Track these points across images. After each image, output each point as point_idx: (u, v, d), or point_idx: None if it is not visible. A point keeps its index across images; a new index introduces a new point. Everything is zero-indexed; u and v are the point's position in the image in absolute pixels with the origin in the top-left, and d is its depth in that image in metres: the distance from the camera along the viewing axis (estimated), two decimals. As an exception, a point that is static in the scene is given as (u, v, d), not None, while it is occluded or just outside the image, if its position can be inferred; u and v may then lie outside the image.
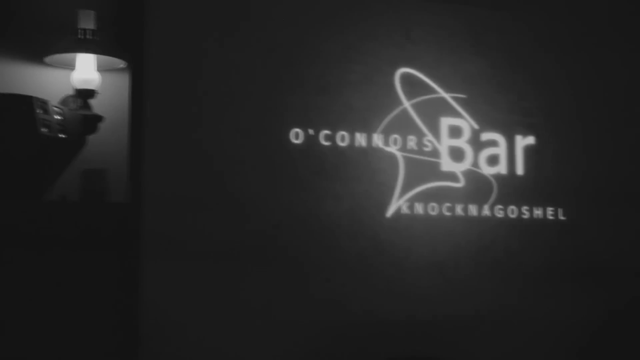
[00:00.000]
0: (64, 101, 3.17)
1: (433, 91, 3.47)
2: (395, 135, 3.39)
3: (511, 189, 3.53)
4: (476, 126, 3.51)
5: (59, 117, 2.94)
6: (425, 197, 3.41)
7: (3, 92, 3.03)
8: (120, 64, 3.21)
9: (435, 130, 3.45)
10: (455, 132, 3.48)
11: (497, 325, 3.44)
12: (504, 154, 3.54)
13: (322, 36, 3.31)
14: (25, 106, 2.89)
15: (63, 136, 2.93)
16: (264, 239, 3.15)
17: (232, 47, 3.17)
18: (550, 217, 3.57)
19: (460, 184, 3.46)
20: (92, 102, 3.16)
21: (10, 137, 2.84)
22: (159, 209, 3.02)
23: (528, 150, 3.58)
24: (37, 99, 2.93)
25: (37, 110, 2.89)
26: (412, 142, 3.41)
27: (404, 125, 3.40)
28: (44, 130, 2.87)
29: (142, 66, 3.05)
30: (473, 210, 3.46)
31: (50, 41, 3.13)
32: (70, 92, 3.21)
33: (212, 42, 3.15)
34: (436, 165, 3.44)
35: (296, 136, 3.25)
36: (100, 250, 3.02)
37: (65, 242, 2.98)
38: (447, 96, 3.49)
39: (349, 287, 3.26)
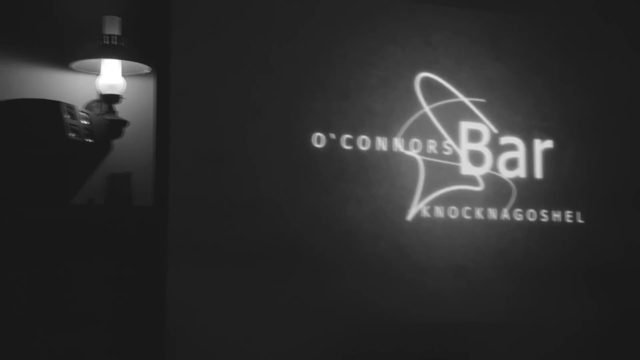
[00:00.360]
0: (89, 106, 3.21)
1: (453, 95, 3.51)
2: (416, 139, 3.42)
3: (530, 192, 3.56)
4: (495, 130, 3.55)
5: (86, 122, 2.97)
6: (445, 200, 3.44)
7: (30, 97, 3.07)
8: (145, 69, 3.24)
9: (455, 134, 3.49)
10: (474, 136, 3.52)
11: (516, 327, 3.47)
12: (523, 157, 3.58)
13: (344, 42, 3.35)
14: (52, 111, 2.92)
15: (90, 141, 2.96)
16: (287, 242, 3.19)
17: (256, 53, 3.21)
18: (569, 220, 3.60)
19: (480, 187, 3.50)
20: (117, 106, 3.20)
21: (39, 141, 2.88)
22: (184, 211, 3.06)
23: (546, 154, 3.61)
24: (65, 104, 2.96)
25: (65, 115, 2.92)
26: (432, 146, 3.44)
27: (424, 130, 3.44)
28: (71, 135, 2.90)
29: (168, 72, 3.09)
30: (492, 213, 3.50)
31: (76, 47, 3.17)
32: (95, 97, 3.25)
33: (236, 48, 3.19)
34: (456, 169, 3.48)
35: (318, 140, 3.29)
36: (127, 252, 3.05)
37: (92, 245, 3.02)
38: (466, 100, 3.52)
39: (370, 289, 3.29)
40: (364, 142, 3.35)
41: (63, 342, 3.03)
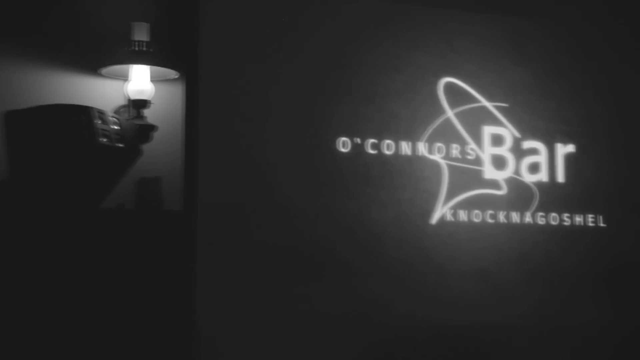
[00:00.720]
0: (117, 111, 3.26)
1: (475, 100, 3.54)
2: (439, 144, 3.46)
3: (552, 196, 3.59)
4: (518, 134, 3.58)
5: (116, 127, 3.02)
6: (468, 204, 3.47)
7: (61, 102, 3.12)
8: (173, 74, 3.28)
9: (477, 138, 3.52)
10: (497, 140, 3.55)
11: (538, 329, 3.50)
12: (545, 161, 3.61)
13: (369, 47, 3.38)
14: (84, 116, 2.98)
15: (121, 145, 3.01)
16: (313, 246, 3.22)
17: (283, 58, 3.25)
18: (591, 224, 3.62)
19: (503, 191, 3.53)
20: (145, 111, 3.24)
21: (71, 146, 2.93)
22: (213, 216, 3.09)
23: (568, 158, 3.64)
24: (96, 109, 3.02)
25: (96, 121, 2.98)
26: (455, 150, 3.48)
27: (448, 134, 3.47)
28: (103, 140, 2.95)
29: (196, 77, 3.13)
30: (515, 217, 3.53)
31: (105, 53, 3.22)
32: (123, 102, 3.29)
33: (263, 53, 3.22)
34: (479, 173, 3.51)
35: (343, 145, 3.33)
36: (156, 256, 3.10)
37: (122, 248, 3.06)
38: (489, 105, 3.55)
39: (395, 292, 3.32)
40: (388, 147, 3.39)
41: (91, 345, 3.08)
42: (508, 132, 3.57)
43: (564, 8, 3.71)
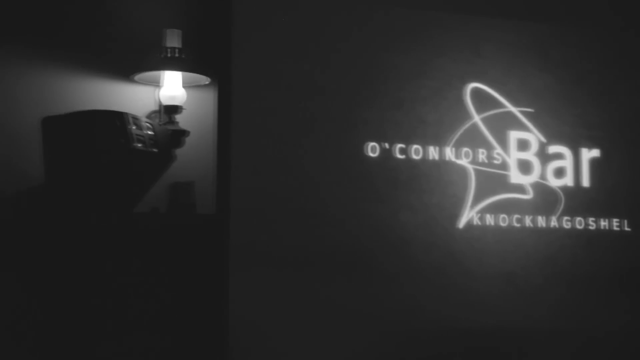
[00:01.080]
0: (149, 116, 3.29)
1: (501, 105, 3.58)
2: (466, 149, 3.49)
3: (577, 200, 3.62)
4: (543, 139, 3.61)
5: (150, 132, 3.06)
6: (495, 208, 3.51)
7: (93, 108, 3.16)
8: (204, 80, 3.33)
9: (504, 143, 3.56)
10: (523, 145, 3.59)
11: (563, 333, 3.53)
12: (570, 166, 3.64)
13: (397, 53, 3.42)
14: (119, 122, 3.02)
15: (155, 150, 3.05)
16: (343, 249, 3.26)
17: (313, 65, 3.30)
18: (616, 228, 3.65)
19: (529, 196, 3.56)
20: (177, 117, 3.28)
21: (106, 151, 2.97)
22: (245, 219, 3.14)
23: (593, 162, 3.67)
24: (130, 115, 3.06)
25: (131, 126, 3.02)
26: (482, 155, 3.51)
27: (474, 139, 3.51)
28: (138, 145, 2.99)
29: (229, 83, 3.17)
30: (541, 221, 3.56)
31: (137, 60, 3.26)
32: (154, 107, 3.34)
33: (294, 60, 3.27)
34: (505, 178, 3.54)
35: (372, 150, 3.37)
36: (189, 259, 3.14)
37: (156, 252, 3.11)
38: (515, 110, 3.59)
39: (423, 295, 3.36)
40: (416, 152, 3.43)
41: (127, 348, 3.12)
42: (534, 137, 3.60)
43: (588, 14, 3.75)
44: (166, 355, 3.13)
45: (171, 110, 3.27)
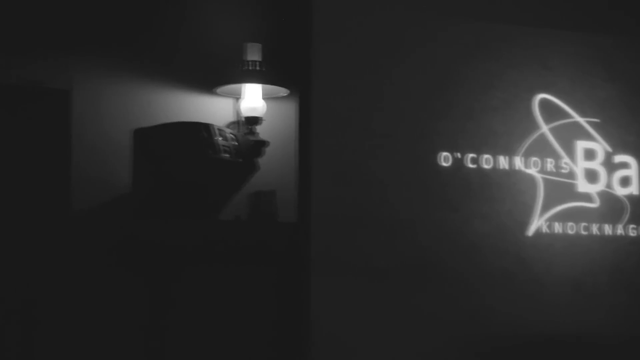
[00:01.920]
0: (228, 127, 3.41)
1: (568, 116, 3.66)
2: (535, 158, 3.58)
3: (643, 209, 3.71)
4: (609, 149, 3.69)
5: (235, 143, 3.17)
6: (563, 216, 3.59)
7: (178, 120, 3.28)
8: (283, 92, 3.44)
9: (571, 152, 3.64)
10: (589, 154, 3.67)
11: (631, 339, 3.60)
12: (636, 175, 3.71)
13: (468, 66, 3.52)
14: (205, 133, 3.13)
15: (240, 160, 3.16)
16: (418, 256, 3.36)
17: (388, 77, 3.39)
18: (681, 236, 3.73)
19: (596, 204, 3.64)
20: (257, 127, 3.40)
21: (194, 161, 3.08)
22: (325, 227, 3.23)
23: (658, 171, 3.75)
24: (215, 126, 3.17)
25: (217, 137, 3.13)
26: (550, 164, 3.60)
27: (543, 149, 3.60)
28: (225, 155, 3.10)
29: (308, 95, 3.28)
30: (608, 229, 3.64)
31: (219, 73, 3.38)
32: (233, 118, 3.45)
33: (371, 72, 3.37)
34: (573, 187, 3.63)
35: (445, 159, 3.46)
36: (271, 266, 3.25)
37: (239, 258, 3.22)
38: (581, 120, 3.67)
39: (494, 300, 3.45)
40: (487, 161, 3.52)
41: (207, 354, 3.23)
42: (600, 146, 3.69)
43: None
44: (249, 357, 3.23)
45: (252, 121, 3.38)
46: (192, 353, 3.21)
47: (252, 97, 3.39)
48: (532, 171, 3.58)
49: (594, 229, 3.63)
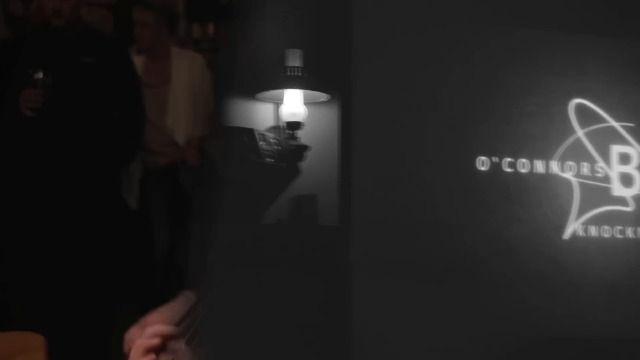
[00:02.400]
0: (269, 132, 3.46)
1: (603, 120, 3.70)
2: (571, 162, 3.62)
3: (677, 212, 3.74)
4: (644, 153, 3.74)
5: (278, 148, 3.23)
6: (598, 220, 3.63)
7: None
8: (323, 97, 3.49)
9: (606, 157, 3.68)
10: (624, 158, 3.71)
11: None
12: (670, 179, 3.77)
13: (506, 71, 3.57)
14: (247, 137, 3.19)
15: (283, 165, 3.22)
16: (456, 258, 3.41)
17: (428, 82, 3.44)
18: None
19: (630, 208, 3.68)
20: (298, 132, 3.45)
21: (238, 165, 3.14)
22: (367, 231, 3.29)
23: (692, 175, 3.79)
24: (258, 131, 3.23)
25: (260, 142, 3.19)
26: (585, 168, 3.64)
27: (578, 153, 3.64)
28: (269, 160, 3.16)
29: (350, 100, 3.33)
30: (643, 233, 3.69)
31: (260, 78, 3.43)
32: (272, 123, 3.50)
33: (411, 77, 3.42)
34: (608, 190, 3.67)
35: (482, 164, 3.51)
36: (313, 270, 3.29)
37: (281, 262, 3.26)
38: (616, 125, 3.72)
39: (531, 304, 3.49)
40: (523, 165, 3.56)
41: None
42: (635, 150, 3.73)
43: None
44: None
45: (293, 126, 3.43)
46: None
47: (293, 103, 3.43)
48: (568, 175, 3.62)
49: (629, 232, 3.66)
